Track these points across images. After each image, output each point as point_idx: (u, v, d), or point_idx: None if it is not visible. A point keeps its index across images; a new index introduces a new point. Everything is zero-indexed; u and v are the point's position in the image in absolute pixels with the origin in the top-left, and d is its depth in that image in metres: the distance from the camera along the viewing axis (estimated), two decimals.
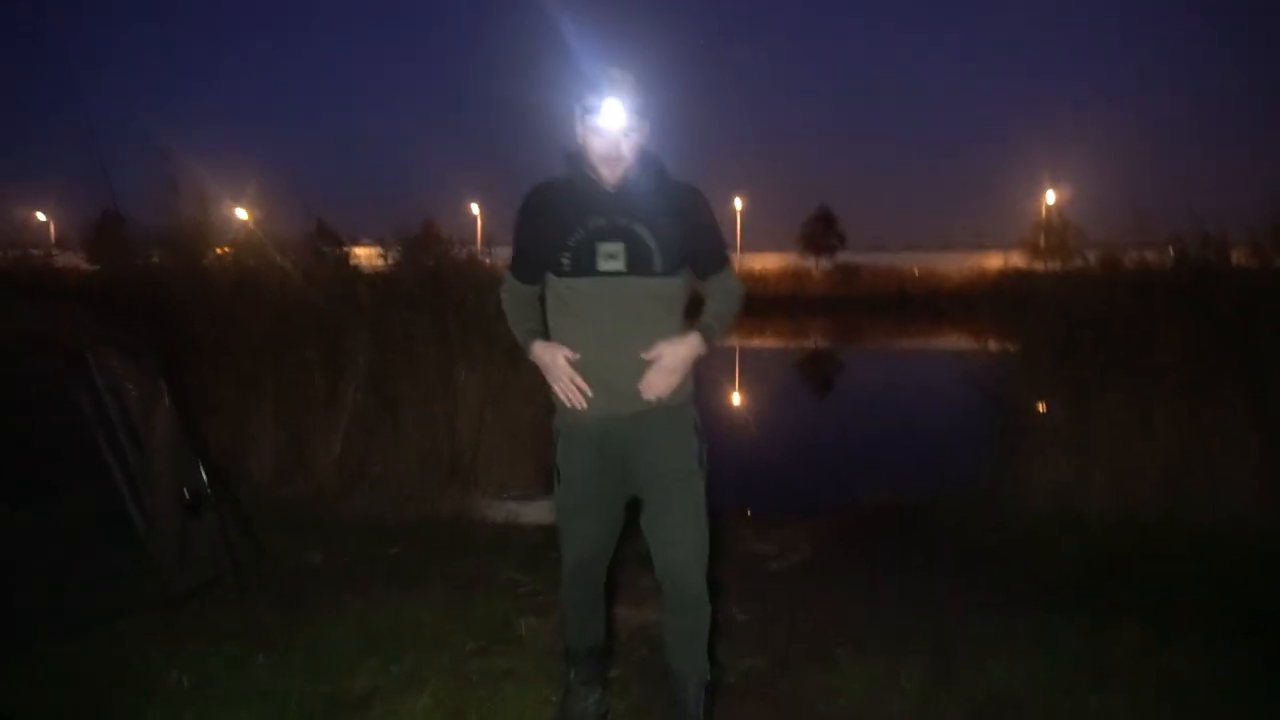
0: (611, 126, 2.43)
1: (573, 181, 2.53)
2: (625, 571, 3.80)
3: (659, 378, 2.46)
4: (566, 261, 2.45)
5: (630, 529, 2.67)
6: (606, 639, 2.89)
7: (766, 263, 54.60)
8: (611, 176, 2.48)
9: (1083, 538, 4.85)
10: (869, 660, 3.35)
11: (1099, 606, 3.83)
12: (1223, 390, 5.11)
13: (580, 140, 2.51)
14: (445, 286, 6.03)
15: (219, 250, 6.68)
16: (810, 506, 5.88)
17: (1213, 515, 4.89)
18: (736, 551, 4.86)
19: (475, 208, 26.49)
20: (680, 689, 2.61)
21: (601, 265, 2.43)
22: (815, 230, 58.57)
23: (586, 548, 2.64)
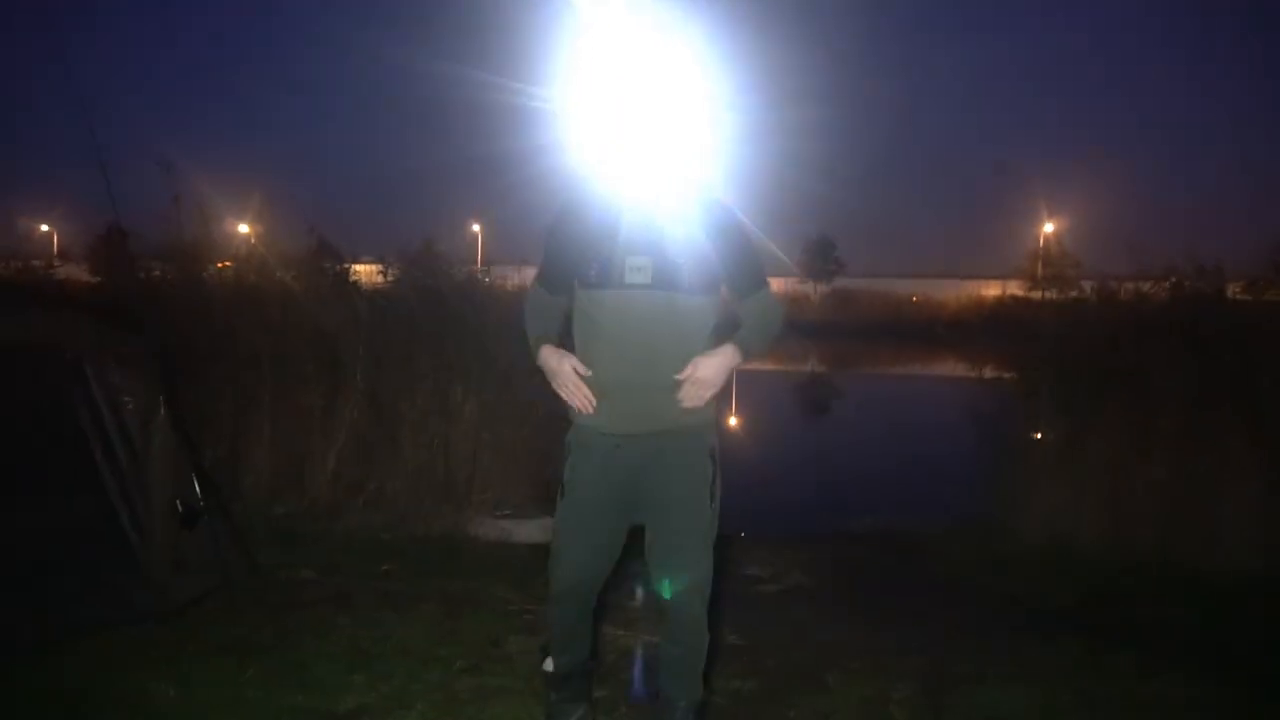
0: (646, 138, 2.43)
1: (607, 193, 2.50)
2: (616, 591, 3.80)
3: (694, 390, 2.43)
4: (594, 272, 2.43)
5: (625, 547, 2.65)
6: (591, 659, 2.85)
7: None
8: (646, 190, 2.45)
9: (1075, 567, 4.86)
10: (859, 684, 3.35)
11: (1090, 636, 3.84)
12: (1218, 424, 5.14)
13: (614, 152, 2.50)
14: (444, 305, 6.06)
15: (220, 265, 6.71)
16: (803, 531, 5.89)
17: (1205, 548, 4.90)
18: (729, 574, 4.85)
19: (475, 227, 26.63)
20: (669, 712, 2.60)
21: (628, 278, 2.40)
22: (814, 256, 58.68)
23: (578, 571, 2.57)
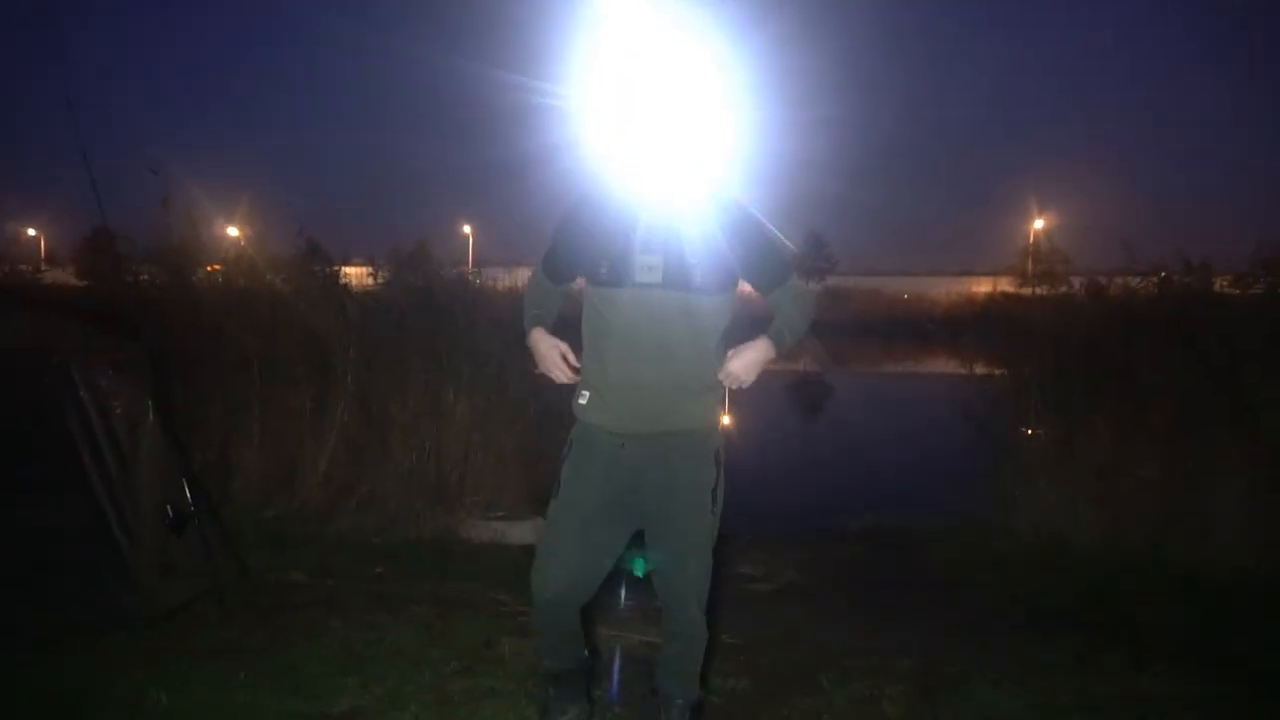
0: (661, 137, 2.41)
1: (620, 190, 2.47)
2: (610, 591, 3.79)
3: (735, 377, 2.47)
4: (605, 270, 2.41)
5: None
6: (587, 658, 2.82)
7: None
8: (659, 189, 2.42)
9: (1072, 566, 4.87)
10: (853, 683, 3.34)
11: (1083, 634, 3.85)
12: (1208, 420, 5.15)
13: (628, 151, 2.47)
14: (435, 306, 6.05)
15: (210, 268, 6.68)
16: (797, 530, 5.89)
17: (1200, 545, 4.91)
18: (723, 573, 4.81)
19: (467, 228, 26.62)
20: (666, 710, 2.61)
21: (639, 276, 2.38)
22: (805, 253, 58.76)
23: (566, 576, 2.48)
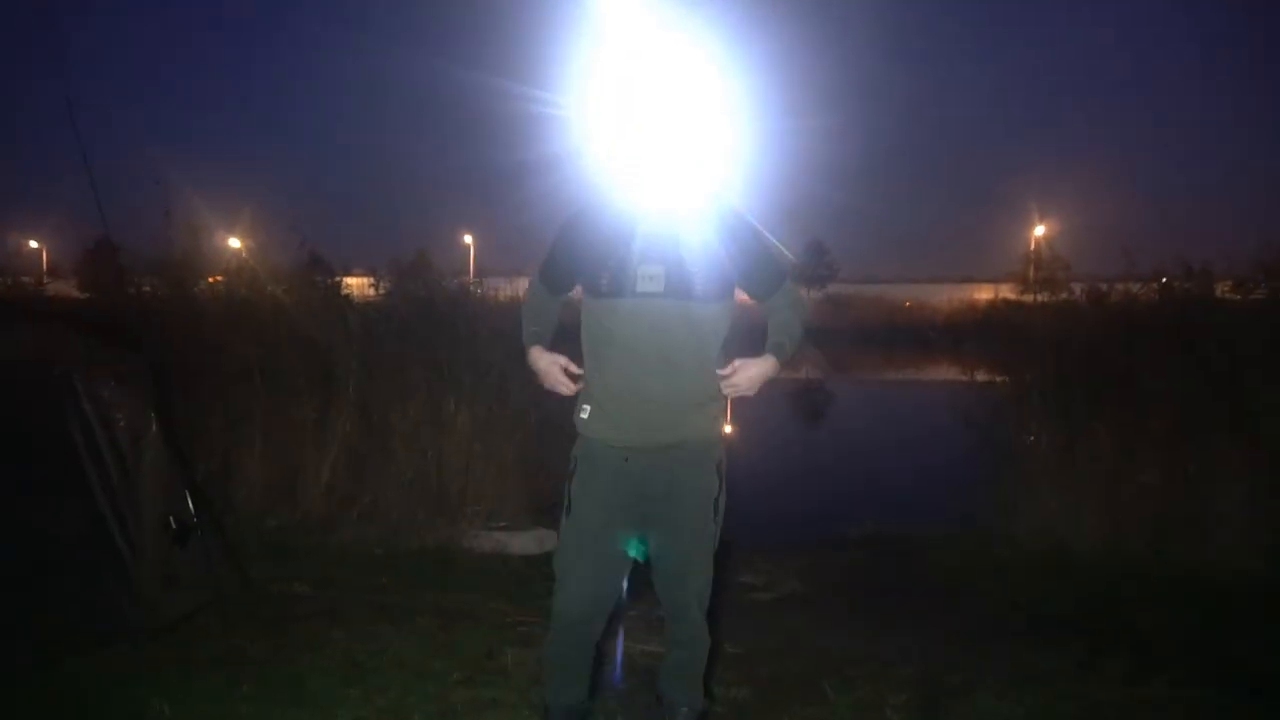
0: (660, 146, 2.42)
1: (620, 200, 2.48)
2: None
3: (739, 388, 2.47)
4: (605, 281, 2.41)
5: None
6: (589, 699, 2.71)
7: None
8: (658, 198, 2.43)
9: (1073, 572, 4.85)
10: (855, 691, 3.34)
11: (1084, 640, 3.83)
12: (1209, 425, 5.15)
13: (627, 161, 2.48)
14: (436, 316, 6.05)
15: (211, 279, 6.69)
16: (798, 538, 5.88)
17: (1201, 549, 4.90)
18: (724, 582, 4.82)
19: (468, 238, 26.62)
20: (672, 717, 2.61)
21: (640, 287, 2.38)
22: (806, 261, 58.72)
23: (587, 593, 2.48)
